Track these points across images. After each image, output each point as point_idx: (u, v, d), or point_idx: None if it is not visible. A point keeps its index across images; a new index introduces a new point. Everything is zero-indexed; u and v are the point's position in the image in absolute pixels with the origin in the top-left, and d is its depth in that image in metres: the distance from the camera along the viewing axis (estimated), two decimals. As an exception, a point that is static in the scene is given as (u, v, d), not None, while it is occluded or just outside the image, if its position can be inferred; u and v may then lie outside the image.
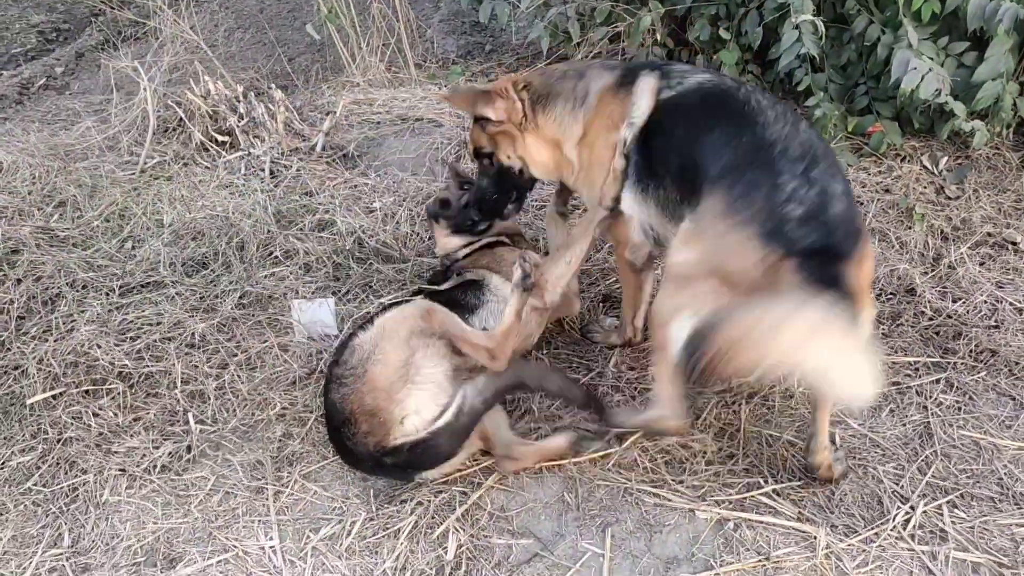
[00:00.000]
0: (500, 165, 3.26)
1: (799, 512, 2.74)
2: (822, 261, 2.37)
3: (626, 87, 2.94)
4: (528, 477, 2.92)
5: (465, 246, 3.56)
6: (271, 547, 2.73)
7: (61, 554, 2.73)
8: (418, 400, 2.77)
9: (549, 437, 2.99)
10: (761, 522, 2.71)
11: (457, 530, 2.74)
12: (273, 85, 5.25)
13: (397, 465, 2.79)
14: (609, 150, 2.94)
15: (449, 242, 3.62)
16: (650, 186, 2.88)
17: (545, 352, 3.49)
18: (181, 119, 4.99)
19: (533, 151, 3.19)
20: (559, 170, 3.24)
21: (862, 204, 4.23)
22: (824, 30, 4.28)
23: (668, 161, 2.81)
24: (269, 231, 4.13)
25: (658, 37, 4.95)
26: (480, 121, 3.20)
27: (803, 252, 2.37)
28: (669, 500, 2.79)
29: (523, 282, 2.96)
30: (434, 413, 2.78)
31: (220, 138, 4.88)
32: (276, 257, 4.02)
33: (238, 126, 4.85)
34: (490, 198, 3.38)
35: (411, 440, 2.75)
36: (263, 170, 4.64)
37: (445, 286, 3.30)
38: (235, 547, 2.74)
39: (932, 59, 4.02)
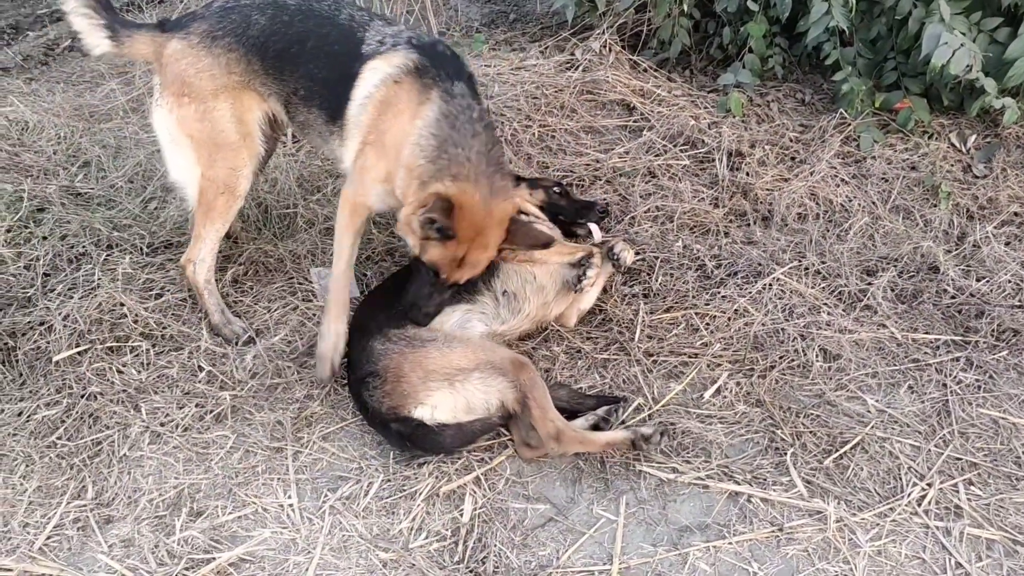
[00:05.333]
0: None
1: (814, 485, 2.75)
2: None
3: None
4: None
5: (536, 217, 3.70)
6: (289, 505, 2.77)
7: (85, 505, 2.78)
8: (442, 401, 2.82)
9: (614, 430, 2.95)
10: (775, 493, 2.72)
11: (473, 493, 2.78)
12: (297, 50, 5.23)
13: (400, 433, 2.85)
14: None
15: (526, 205, 3.71)
16: None
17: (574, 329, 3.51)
18: (205, 82, 4.98)
19: None
20: None
21: (887, 181, 4.20)
22: (854, 3, 4.22)
23: None
24: (291, 196, 4.14)
25: (685, 7, 4.89)
26: None
27: None
28: (683, 473, 2.81)
29: (646, 441, 2.84)
30: (447, 419, 2.83)
31: (243, 102, 4.87)
32: (298, 222, 4.04)
33: (261, 90, 4.85)
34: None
35: (422, 420, 2.81)
36: (284, 134, 4.64)
37: None
38: (254, 503, 2.78)
39: (964, 34, 3.96)
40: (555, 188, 3.72)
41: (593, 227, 3.68)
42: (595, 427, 2.96)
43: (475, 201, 2.81)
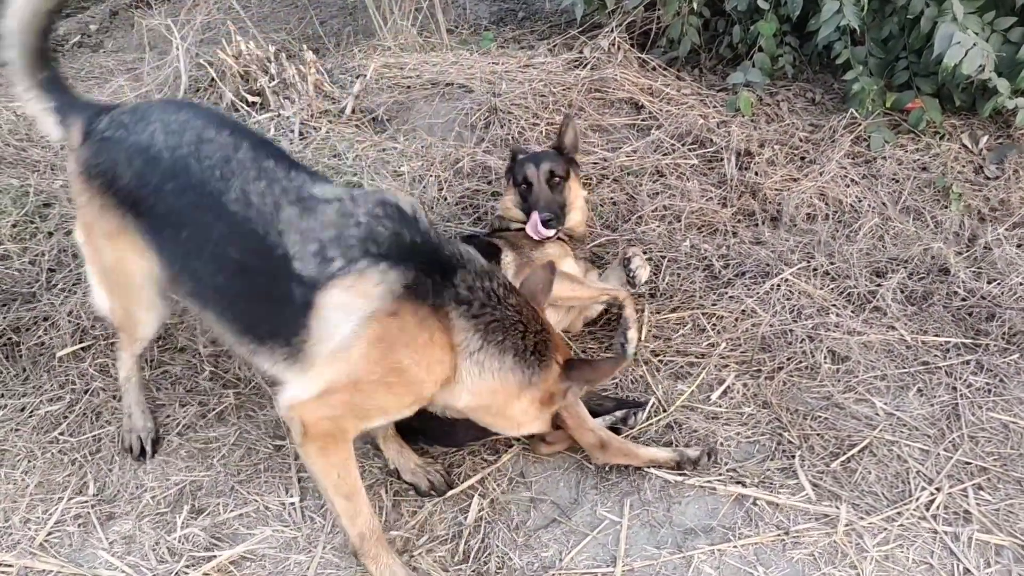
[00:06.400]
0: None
1: (821, 488, 2.72)
2: None
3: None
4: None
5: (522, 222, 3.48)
6: (291, 503, 2.76)
7: (86, 501, 2.77)
8: None
9: (659, 447, 2.89)
10: (782, 497, 2.69)
11: (478, 494, 2.75)
12: (304, 47, 5.23)
13: (412, 427, 2.82)
14: None
15: (512, 210, 3.53)
16: None
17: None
18: (213, 79, 4.99)
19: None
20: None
21: (897, 182, 4.16)
22: (866, 1, 4.18)
23: None
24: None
25: (694, 6, 4.85)
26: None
27: None
28: (689, 475, 2.78)
29: (693, 465, 2.82)
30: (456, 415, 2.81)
31: (251, 98, 4.87)
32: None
33: (269, 87, 4.84)
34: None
35: (435, 414, 2.79)
36: (292, 131, 4.64)
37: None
38: (256, 501, 2.77)
39: (977, 34, 3.92)
40: (524, 185, 3.44)
41: (528, 227, 3.38)
42: (613, 429, 2.92)
43: (561, 340, 2.57)
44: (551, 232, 3.33)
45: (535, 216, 3.30)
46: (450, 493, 2.76)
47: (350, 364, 2.21)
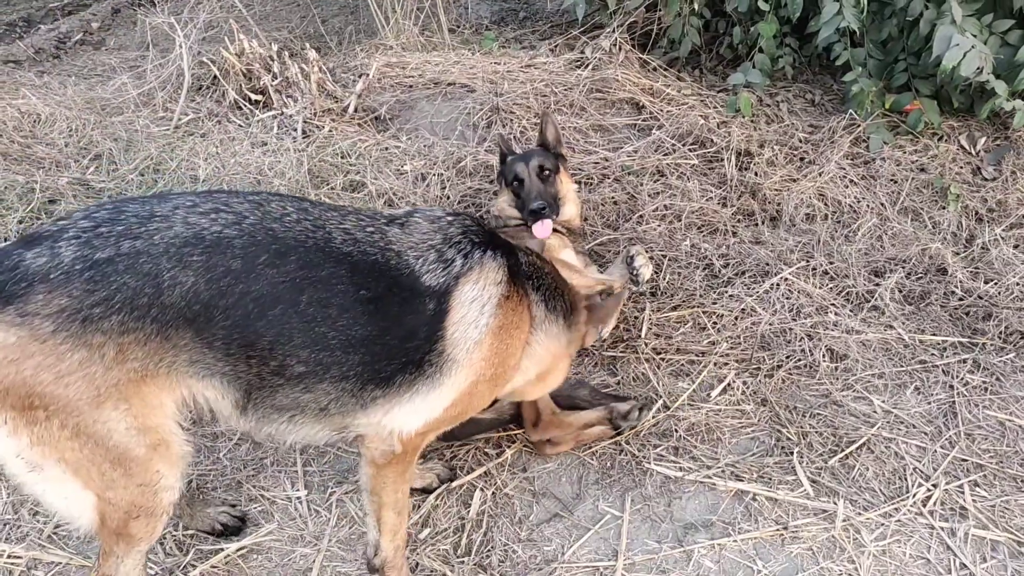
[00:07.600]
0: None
1: (819, 485, 2.76)
2: None
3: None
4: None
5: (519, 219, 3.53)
6: (297, 497, 2.79)
7: (94, 495, 2.80)
8: None
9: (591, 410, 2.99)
10: (781, 492, 2.73)
11: (481, 489, 2.79)
12: (307, 45, 5.26)
13: None
14: None
15: (507, 209, 3.60)
16: None
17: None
18: (215, 77, 5.02)
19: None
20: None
21: (896, 182, 4.20)
22: (866, 3, 4.22)
23: None
24: (301, 190, 4.16)
25: (695, 6, 4.89)
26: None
27: None
28: (689, 471, 2.82)
29: (623, 419, 2.94)
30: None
31: (254, 97, 4.90)
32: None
33: (271, 85, 4.87)
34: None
35: None
36: (295, 130, 4.67)
37: None
38: (262, 496, 2.80)
39: (975, 36, 3.96)
40: (515, 181, 3.53)
41: (535, 227, 3.41)
42: (615, 427, 2.97)
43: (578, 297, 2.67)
44: (549, 225, 3.39)
45: (538, 226, 3.37)
46: (453, 484, 2.79)
47: (478, 363, 2.19)
